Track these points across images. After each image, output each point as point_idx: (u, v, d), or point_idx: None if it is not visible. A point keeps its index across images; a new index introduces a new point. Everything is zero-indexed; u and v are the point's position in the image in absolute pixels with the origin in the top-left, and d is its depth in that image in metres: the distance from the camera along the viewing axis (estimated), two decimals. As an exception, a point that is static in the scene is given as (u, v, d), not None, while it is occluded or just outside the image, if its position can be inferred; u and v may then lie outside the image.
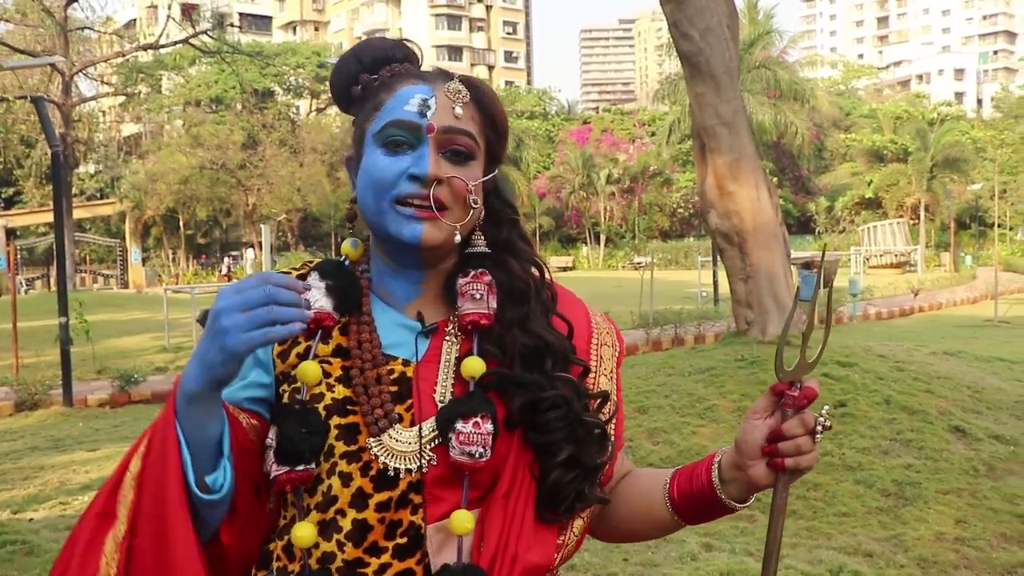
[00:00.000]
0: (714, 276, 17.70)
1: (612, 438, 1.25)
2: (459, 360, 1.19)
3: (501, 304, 1.21)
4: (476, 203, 1.19)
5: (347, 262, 1.27)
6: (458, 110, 1.18)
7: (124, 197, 39.32)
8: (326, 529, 1.13)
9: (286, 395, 1.19)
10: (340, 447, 1.14)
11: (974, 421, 6.41)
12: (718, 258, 12.72)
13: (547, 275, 1.29)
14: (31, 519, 5.73)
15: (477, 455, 1.11)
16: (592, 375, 1.26)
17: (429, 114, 1.16)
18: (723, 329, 12.81)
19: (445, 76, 1.22)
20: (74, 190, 37.58)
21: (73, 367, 10.67)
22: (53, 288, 22.76)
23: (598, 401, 1.24)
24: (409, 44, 1.28)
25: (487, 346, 1.19)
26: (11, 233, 35.09)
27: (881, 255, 34.70)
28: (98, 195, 44.71)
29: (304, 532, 1.12)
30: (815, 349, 1.14)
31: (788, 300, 8.71)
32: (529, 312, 1.22)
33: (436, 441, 1.14)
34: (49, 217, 35.21)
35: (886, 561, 4.46)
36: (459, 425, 1.11)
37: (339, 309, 1.21)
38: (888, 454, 5.88)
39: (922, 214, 38.30)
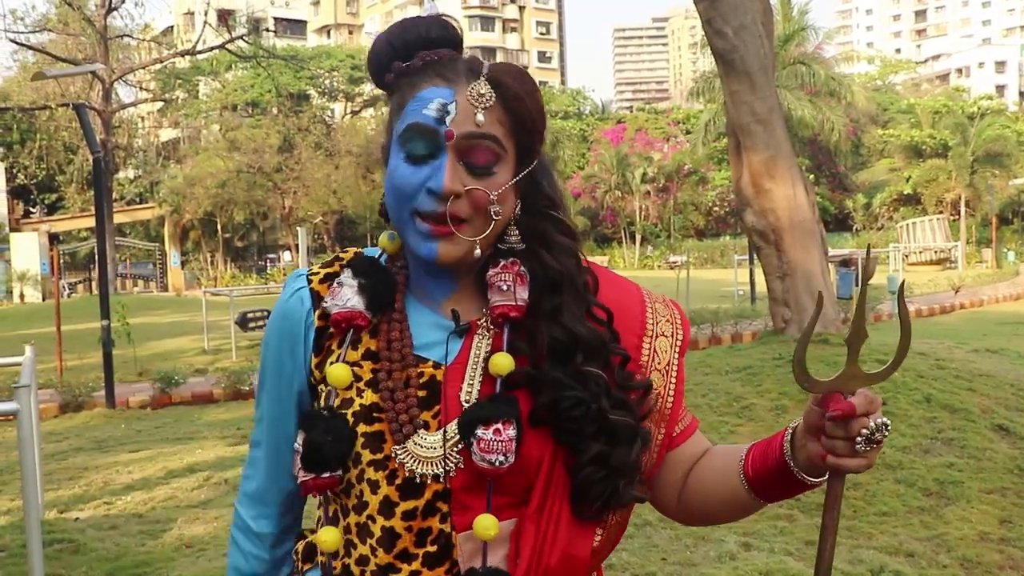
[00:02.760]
0: (751, 274, 17.58)
1: (647, 434, 1.20)
2: (488, 356, 1.16)
3: (535, 296, 1.18)
4: (498, 214, 1.14)
5: (383, 257, 1.25)
6: (480, 117, 1.12)
7: (163, 201, 39.80)
8: (361, 532, 1.14)
9: (321, 398, 1.19)
10: (367, 455, 1.13)
11: (1018, 419, 6.32)
12: (754, 256, 12.62)
13: (583, 261, 1.24)
14: (77, 518, 5.84)
15: (497, 463, 1.08)
16: (643, 370, 1.23)
17: (448, 120, 1.12)
18: (760, 328, 12.72)
19: (471, 74, 1.15)
20: (114, 195, 38.11)
21: (115, 369, 10.84)
22: (95, 292, 23.10)
23: (639, 394, 1.20)
24: (447, 20, 1.21)
25: (518, 342, 1.16)
26: (54, 238, 35.68)
27: (920, 252, 34.22)
28: (138, 200, 45.27)
29: (328, 537, 1.14)
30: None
31: (826, 298, 8.63)
32: (562, 303, 1.17)
33: (460, 445, 1.11)
34: (91, 222, 35.73)
35: (928, 561, 4.41)
36: (479, 432, 1.09)
37: (371, 308, 1.19)
38: (929, 453, 5.81)
39: (962, 210, 37.75)
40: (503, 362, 1.14)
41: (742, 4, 8.25)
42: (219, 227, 41.97)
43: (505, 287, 1.17)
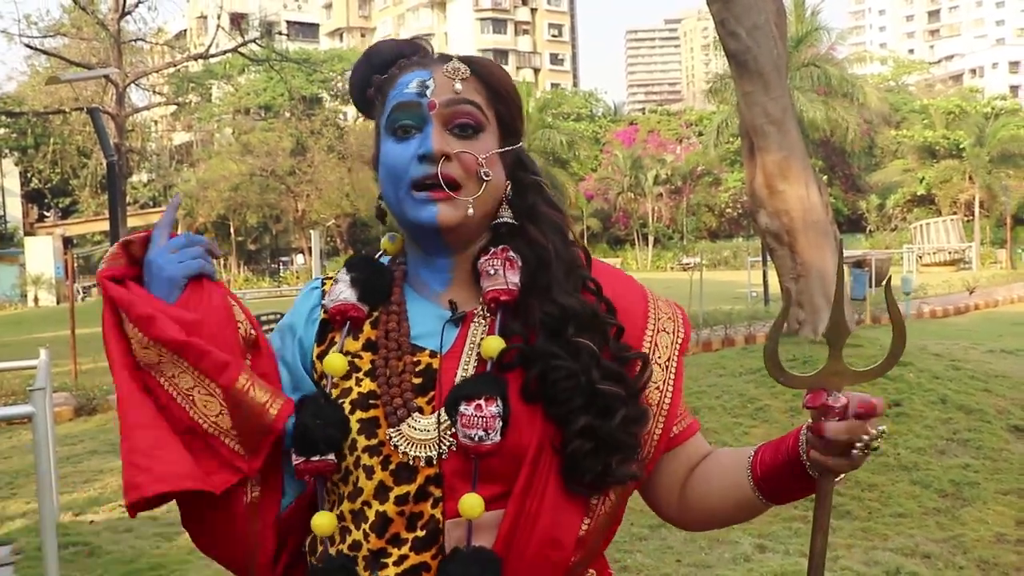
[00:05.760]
0: (764, 276, 17.53)
1: (644, 411, 1.19)
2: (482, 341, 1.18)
3: (528, 278, 1.20)
4: (488, 176, 1.18)
5: (382, 256, 1.31)
6: (457, 85, 1.18)
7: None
8: (356, 518, 1.16)
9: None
10: (362, 441, 1.15)
11: (1034, 420, 6.29)
12: (768, 258, 12.58)
13: (570, 236, 1.26)
14: (92, 521, 5.85)
15: (477, 438, 1.09)
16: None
17: (428, 92, 1.18)
18: (774, 329, 12.66)
19: (444, 58, 1.23)
20: (128, 199, 38.25)
21: (129, 372, 10.85)
22: (109, 295, 23.17)
23: (635, 367, 1.20)
24: (420, 41, 1.29)
25: (512, 324, 1.18)
26: (68, 242, 35.86)
27: (935, 252, 34.07)
28: (151, 203, 45.44)
29: (323, 521, 1.16)
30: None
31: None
32: (551, 280, 1.19)
33: (453, 428, 1.12)
34: (105, 226, 35.86)
35: (945, 563, 4.39)
36: (462, 407, 1.10)
37: (365, 300, 1.23)
38: (945, 454, 5.79)
39: (976, 210, 37.57)
40: (493, 344, 1.15)
41: (755, 5, 8.25)
42: (232, 230, 42.11)
43: (493, 271, 1.19)
